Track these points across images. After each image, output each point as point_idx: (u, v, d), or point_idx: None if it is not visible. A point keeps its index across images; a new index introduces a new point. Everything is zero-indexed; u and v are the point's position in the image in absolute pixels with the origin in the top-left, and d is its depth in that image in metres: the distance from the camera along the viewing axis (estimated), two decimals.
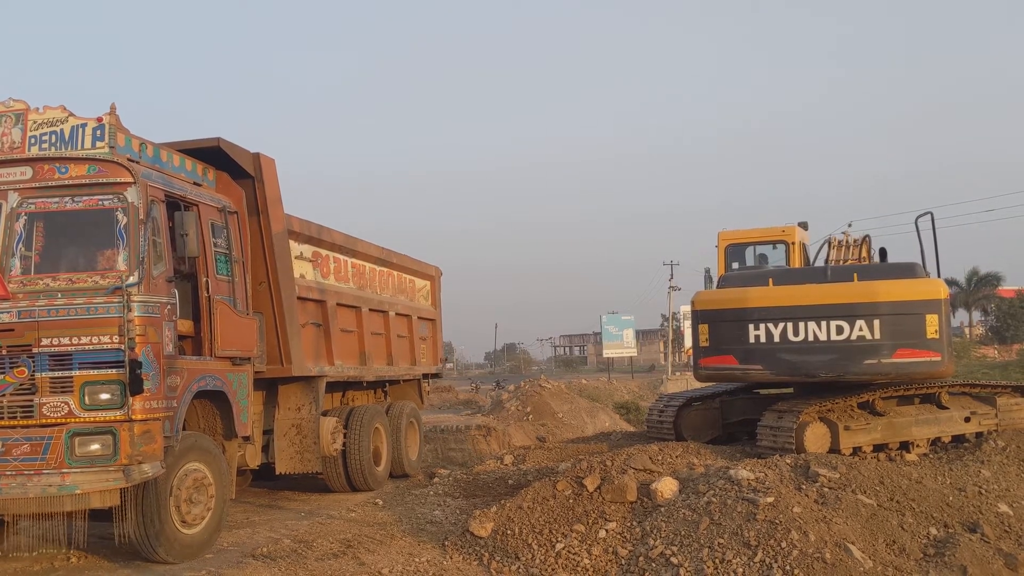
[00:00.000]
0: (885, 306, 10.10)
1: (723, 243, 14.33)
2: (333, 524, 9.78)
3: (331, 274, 11.91)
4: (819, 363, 10.30)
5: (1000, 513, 8.37)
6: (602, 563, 7.89)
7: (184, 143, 9.40)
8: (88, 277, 7.55)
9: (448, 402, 36.65)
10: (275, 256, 9.98)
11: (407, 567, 7.96)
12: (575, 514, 8.62)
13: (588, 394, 36.01)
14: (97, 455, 7.20)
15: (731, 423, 12.61)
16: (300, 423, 10.78)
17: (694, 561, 7.36)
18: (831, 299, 10.34)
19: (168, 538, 7.84)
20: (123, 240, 7.58)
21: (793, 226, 14.26)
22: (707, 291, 11.99)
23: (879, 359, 10.06)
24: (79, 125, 8.09)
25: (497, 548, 8.38)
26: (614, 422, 28.77)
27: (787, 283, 10.91)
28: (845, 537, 7.30)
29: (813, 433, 10.16)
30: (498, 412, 26.58)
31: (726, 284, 11.66)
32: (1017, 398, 11.61)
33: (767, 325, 10.48)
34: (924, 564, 7.20)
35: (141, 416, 7.28)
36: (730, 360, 10.75)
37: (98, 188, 7.67)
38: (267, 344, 10.02)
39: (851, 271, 10.95)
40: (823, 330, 10.23)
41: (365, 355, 12.58)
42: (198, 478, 8.23)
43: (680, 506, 8.25)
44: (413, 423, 14.32)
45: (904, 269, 10.67)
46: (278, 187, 10.21)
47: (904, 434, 10.73)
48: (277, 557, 8.12)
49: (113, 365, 7.27)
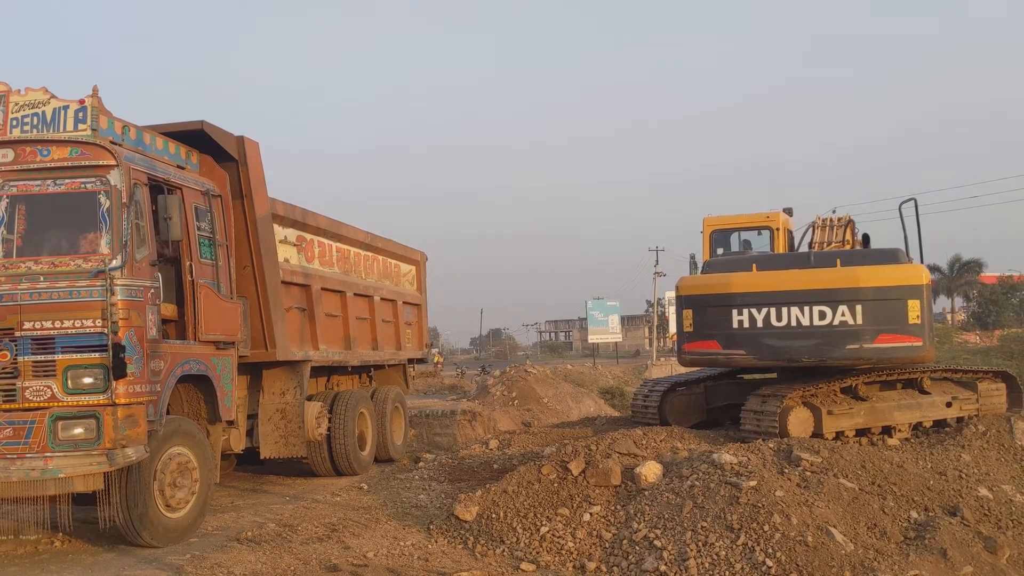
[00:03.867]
0: (867, 291, 10.15)
1: (708, 229, 14.35)
2: (318, 508, 9.79)
3: (316, 258, 11.87)
4: (802, 348, 10.35)
5: (980, 497, 8.46)
6: (586, 546, 7.93)
7: (168, 126, 9.33)
8: (71, 260, 7.50)
9: (434, 387, 36.69)
10: (259, 240, 9.94)
11: (392, 551, 7.98)
12: (560, 498, 8.65)
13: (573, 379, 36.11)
14: (80, 439, 7.17)
15: (715, 408, 12.67)
16: (285, 408, 10.76)
17: (677, 544, 7.40)
18: (814, 284, 10.38)
19: (152, 522, 7.83)
20: (106, 223, 7.53)
21: (778, 212, 14.30)
22: (691, 276, 12.02)
23: (861, 344, 10.12)
24: (61, 107, 8.03)
25: (482, 532, 8.40)
26: (599, 407, 28.87)
27: (771, 269, 10.95)
28: (827, 521, 7.35)
29: (796, 418, 10.22)
30: (484, 397, 26.63)
31: (710, 270, 11.69)
32: (998, 383, 11.72)
33: (750, 310, 10.52)
34: (905, 547, 7.26)
35: (124, 400, 7.26)
36: (713, 345, 10.79)
37: (80, 171, 7.61)
38: (251, 328, 9.99)
39: (834, 256, 10.99)
40: (806, 315, 10.27)
41: (350, 340, 12.56)
42: (182, 462, 8.21)
43: (664, 490, 8.29)
44: (398, 408, 14.33)
45: (887, 255, 10.71)
46: (262, 170, 10.17)
47: (886, 419, 10.80)
48: (262, 541, 8.12)
49: (96, 349, 7.24)
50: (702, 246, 14.45)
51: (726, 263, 11.92)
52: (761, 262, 11.30)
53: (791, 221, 14.53)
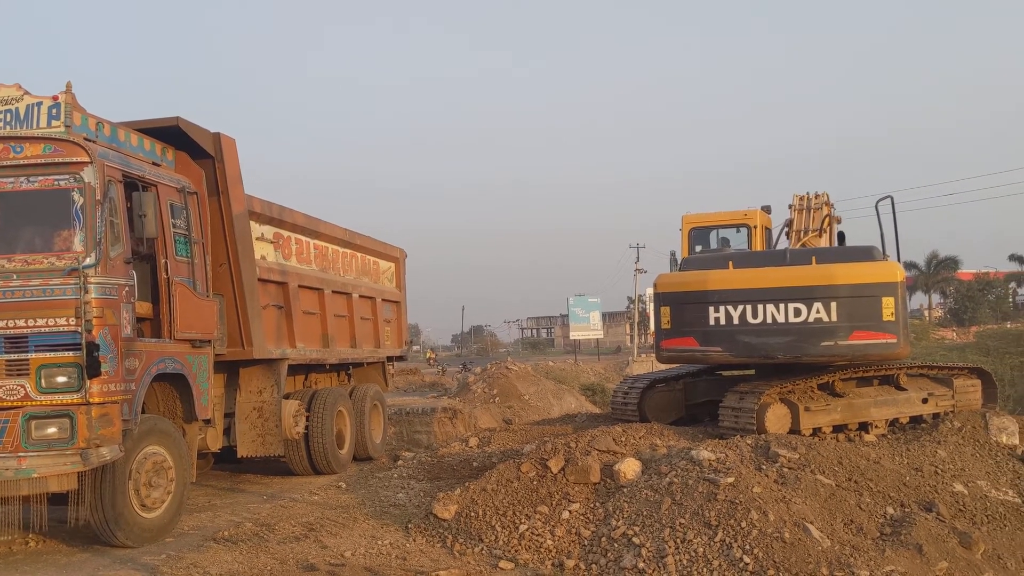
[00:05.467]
0: (842, 289, 10.21)
1: (687, 226, 14.40)
2: (296, 507, 9.74)
3: (293, 256, 11.80)
4: (777, 345, 10.40)
5: (955, 492, 8.52)
6: (565, 544, 7.93)
7: (143, 122, 9.25)
8: (44, 258, 7.41)
9: (414, 384, 36.60)
10: (236, 237, 9.87)
11: (370, 550, 7.96)
12: (539, 496, 8.65)
13: (554, 376, 36.12)
14: (54, 438, 7.10)
15: (694, 404, 12.71)
16: (262, 406, 10.70)
17: (656, 541, 7.41)
18: (789, 282, 10.43)
19: (127, 522, 7.77)
20: (80, 221, 7.45)
21: (755, 209, 14.35)
22: (669, 274, 12.04)
23: (836, 341, 10.18)
24: (34, 104, 7.95)
25: (461, 530, 8.39)
26: (580, 404, 28.89)
27: (747, 266, 10.99)
28: (804, 516, 7.38)
29: (774, 414, 10.27)
30: (464, 394, 26.59)
31: (688, 267, 11.73)
32: (973, 380, 11.81)
33: (727, 307, 10.56)
34: (881, 543, 7.31)
35: (99, 399, 7.20)
36: (691, 342, 10.83)
37: (54, 168, 7.53)
38: (228, 326, 9.92)
39: (810, 254, 11.04)
40: (781, 312, 10.32)
41: (328, 337, 12.50)
42: (158, 461, 8.15)
43: (642, 487, 8.31)
44: (377, 406, 14.28)
45: (862, 252, 10.78)
46: (239, 167, 10.09)
47: (863, 415, 10.87)
48: (239, 540, 8.08)
49: (70, 348, 7.16)
50: (681, 243, 14.50)
51: (703, 261, 11.97)
52: (738, 260, 11.35)
53: (769, 219, 14.60)
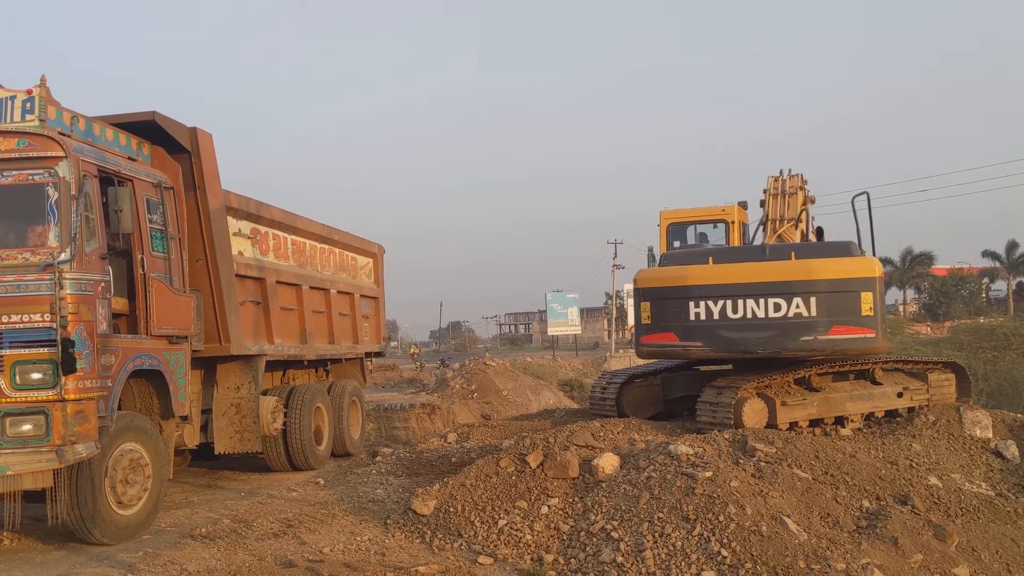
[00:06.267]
0: (821, 284, 10.29)
1: (665, 222, 14.44)
2: (274, 504, 9.71)
3: (271, 251, 11.76)
4: (757, 340, 10.47)
5: (930, 485, 8.61)
6: (544, 539, 7.95)
7: (118, 117, 9.18)
8: (18, 254, 7.35)
9: (392, 380, 36.54)
10: (212, 232, 9.82)
11: (348, 546, 7.94)
12: (518, 491, 8.66)
13: (533, 372, 36.20)
14: (29, 435, 7.05)
15: (672, 399, 12.74)
16: (239, 402, 10.66)
17: (634, 535, 7.44)
18: (769, 277, 10.50)
19: (103, 519, 7.72)
20: (54, 216, 7.39)
21: (733, 205, 14.42)
22: (649, 269, 12.06)
23: (815, 335, 10.25)
24: (8, 97, 7.86)
25: (439, 526, 8.39)
26: (558, 399, 28.97)
27: (727, 261, 11.04)
28: (781, 510, 7.43)
29: (751, 409, 10.32)
30: (442, 390, 26.60)
31: (668, 262, 11.75)
32: (947, 374, 11.91)
33: (707, 303, 10.61)
34: (857, 536, 7.37)
35: (74, 396, 7.14)
36: (671, 337, 10.87)
37: (28, 162, 7.46)
38: (205, 322, 9.88)
39: (788, 249, 11.12)
40: (761, 307, 10.39)
41: (306, 333, 12.46)
42: (134, 458, 8.10)
43: (621, 481, 8.33)
44: (355, 402, 14.25)
45: (840, 248, 10.86)
46: (215, 162, 10.04)
47: (839, 409, 10.94)
48: (216, 537, 8.04)
49: (45, 344, 7.10)
50: (659, 239, 14.54)
51: (683, 256, 12.00)
52: (717, 255, 11.39)
53: (746, 214, 14.67)
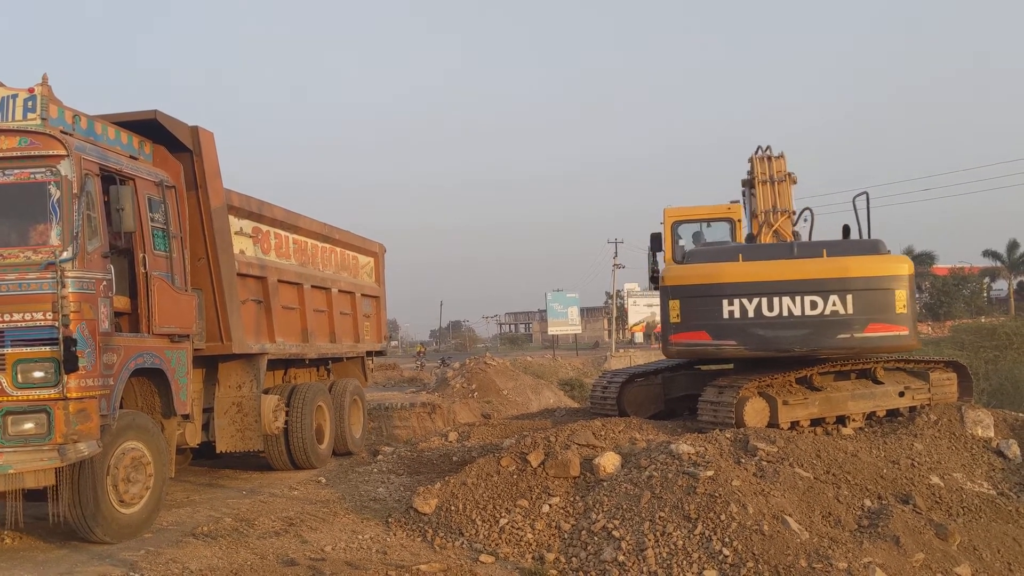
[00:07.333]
0: (857, 281, 10.26)
1: (669, 220, 14.20)
2: (275, 502, 9.71)
3: (272, 250, 11.75)
4: (793, 338, 10.39)
5: (932, 485, 8.61)
6: (545, 537, 7.95)
7: (120, 115, 9.18)
8: (20, 252, 7.35)
9: (393, 380, 36.56)
10: (214, 231, 9.82)
11: (350, 544, 7.95)
12: (519, 489, 8.66)
13: (533, 371, 36.25)
14: (31, 434, 7.05)
15: (673, 399, 12.72)
16: (241, 401, 10.66)
17: (635, 534, 7.44)
18: (805, 274, 10.43)
19: (105, 518, 7.72)
20: (56, 214, 7.39)
21: (739, 203, 14.25)
22: (678, 266, 11.64)
23: (852, 333, 10.23)
24: (10, 96, 7.86)
25: (441, 524, 8.39)
26: (558, 399, 29.00)
27: (755, 259, 10.94)
28: (783, 509, 7.43)
29: (753, 408, 10.31)
30: (443, 389, 26.63)
31: (692, 260, 11.48)
32: (949, 373, 11.88)
33: (741, 300, 10.48)
34: (859, 535, 7.37)
35: (76, 394, 7.14)
36: (703, 336, 10.70)
37: (30, 161, 7.46)
38: (207, 321, 9.88)
39: (819, 247, 11.01)
40: (797, 305, 10.33)
41: (307, 332, 12.46)
42: (136, 457, 8.10)
43: (622, 480, 8.33)
44: (356, 400, 14.25)
45: (868, 245, 10.84)
46: (217, 161, 10.04)
47: (841, 408, 10.92)
48: (218, 536, 8.04)
49: (47, 342, 7.11)
50: (663, 236, 14.36)
51: (710, 253, 11.72)
52: (746, 252, 11.27)
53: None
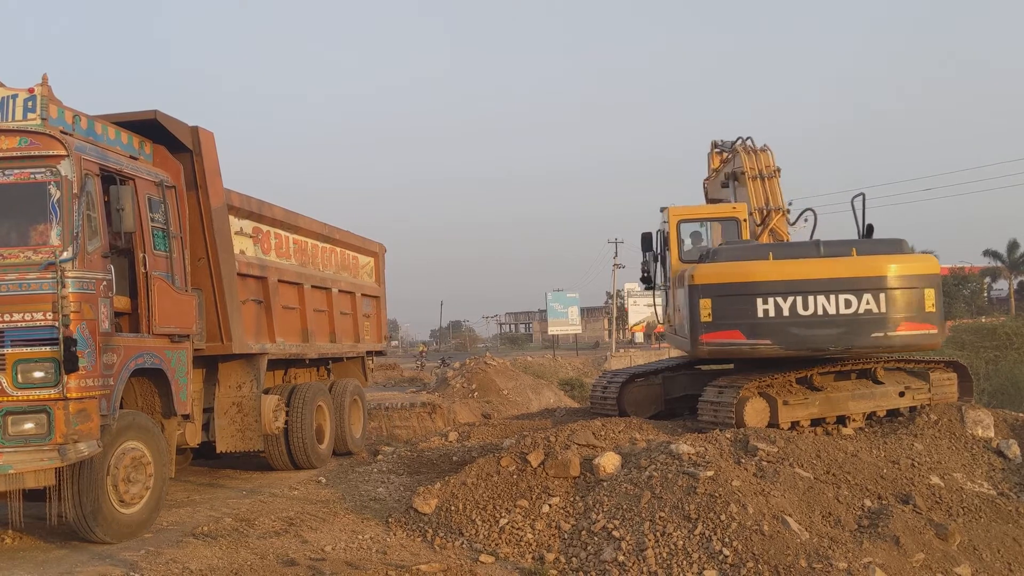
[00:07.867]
0: (891, 280, 10.33)
1: (674, 219, 14.06)
2: (275, 502, 9.71)
3: (272, 250, 11.75)
4: (827, 336, 10.39)
5: (932, 485, 8.61)
6: (545, 537, 7.95)
7: (120, 115, 9.18)
8: (20, 252, 7.34)
9: (393, 379, 36.57)
10: (214, 231, 9.82)
11: (350, 544, 7.95)
12: (519, 490, 8.66)
13: (533, 371, 36.27)
14: (31, 434, 7.05)
15: (673, 399, 12.72)
16: (241, 401, 10.65)
17: (635, 535, 7.45)
18: (838, 273, 10.46)
19: (105, 517, 7.72)
20: (56, 214, 7.39)
21: (743, 203, 14.17)
22: (708, 265, 11.47)
23: (885, 332, 10.29)
24: (9, 96, 7.85)
25: (441, 524, 8.39)
26: (559, 398, 29.03)
27: (784, 257, 10.94)
28: (783, 510, 7.44)
29: (753, 408, 10.31)
30: (443, 389, 26.65)
31: (718, 258, 11.33)
32: (949, 373, 11.88)
33: (776, 299, 10.46)
34: (859, 535, 7.38)
35: (76, 394, 7.14)
36: (736, 335, 10.63)
37: (30, 161, 7.45)
38: (207, 321, 9.88)
39: (848, 246, 11.00)
40: (832, 304, 10.34)
41: (307, 332, 12.46)
42: (136, 457, 8.10)
43: (622, 480, 8.34)
44: (357, 400, 14.25)
45: (893, 244, 10.88)
46: (217, 161, 10.04)
47: (841, 408, 10.93)
48: (218, 536, 8.04)
49: (47, 342, 7.10)
50: (670, 235, 14.22)
51: (738, 251, 11.62)
52: (776, 250, 11.24)
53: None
